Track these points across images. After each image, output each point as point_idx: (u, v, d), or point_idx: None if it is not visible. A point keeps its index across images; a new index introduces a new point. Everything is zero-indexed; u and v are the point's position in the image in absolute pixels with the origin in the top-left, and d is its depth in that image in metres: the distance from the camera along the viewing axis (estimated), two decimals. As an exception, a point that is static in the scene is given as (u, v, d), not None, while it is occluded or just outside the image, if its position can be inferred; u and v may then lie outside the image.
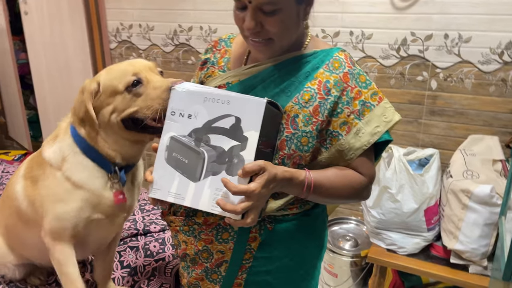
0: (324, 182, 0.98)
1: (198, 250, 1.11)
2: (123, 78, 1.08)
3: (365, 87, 1.02)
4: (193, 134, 0.95)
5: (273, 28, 0.94)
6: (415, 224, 1.88)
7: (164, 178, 0.96)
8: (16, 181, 1.28)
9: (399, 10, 2.13)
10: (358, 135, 1.00)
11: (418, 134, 2.26)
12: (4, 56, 3.41)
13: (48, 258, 1.31)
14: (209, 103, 0.95)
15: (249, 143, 0.91)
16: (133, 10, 2.84)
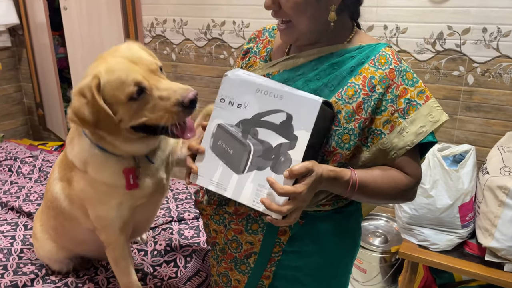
0: (369, 182, 0.96)
1: (227, 239, 1.12)
2: (124, 89, 0.99)
3: (411, 85, 0.98)
4: (241, 125, 0.93)
5: (286, 7, 0.93)
6: (449, 220, 1.85)
7: (207, 166, 0.94)
8: (53, 183, 1.31)
9: (435, 3, 2.10)
10: (402, 135, 0.97)
11: (452, 130, 2.22)
12: (44, 50, 3.54)
13: (98, 249, 1.38)
14: (261, 95, 0.92)
15: (299, 143, 0.89)
16: (168, 5, 2.89)
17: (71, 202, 1.26)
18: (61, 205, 1.29)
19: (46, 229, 1.47)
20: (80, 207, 1.25)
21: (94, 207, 1.20)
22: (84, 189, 1.19)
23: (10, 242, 1.73)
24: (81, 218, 1.28)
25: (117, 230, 1.23)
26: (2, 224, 1.86)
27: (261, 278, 1.12)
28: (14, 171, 2.41)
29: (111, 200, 1.18)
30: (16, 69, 3.95)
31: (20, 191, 2.17)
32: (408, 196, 1.03)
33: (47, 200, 1.37)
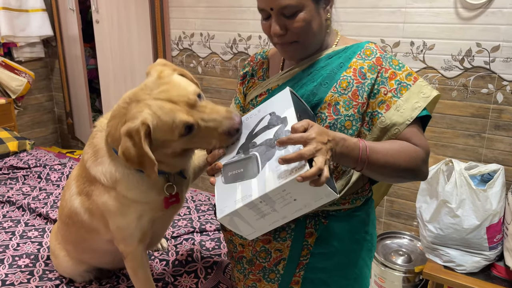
0: (378, 147, 0.97)
1: (256, 251, 1.15)
2: (174, 131, 1.02)
3: (398, 69, 1.07)
4: (239, 151, 0.99)
5: (297, 29, 1.01)
6: (476, 241, 1.80)
7: (227, 195, 0.94)
8: (71, 199, 1.32)
9: (464, 20, 2.07)
10: (399, 111, 1.03)
11: (480, 149, 2.17)
12: (75, 61, 3.67)
13: (117, 260, 1.41)
14: (245, 123, 1.03)
15: (289, 118, 0.93)
16: (196, 19, 2.96)
17: (91, 214, 1.28)
18: (82, 219, 1.31)
19: (64, 246, 1.50)
20: (100, 218, 1.27)
21: (115, 219, 1.23)
22: (106, 202, 1.21)
23: (37, 248, 1.77)
24: (101, 229, 1.30)
25: (136, 241, 1.25)
26: (30, 230, 1.92)
27: (290, 283, 1.15)
28: (43, 177, 2.48)
29: (132, 213, 1.20)
30: (48, 79, 4.09)
31: (48, 197, 2.23)
32: (421, 169, 1.02)
33: (65, 217, 1.38)
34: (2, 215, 2.06)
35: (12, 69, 3.51)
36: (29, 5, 3.59)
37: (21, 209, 2.11)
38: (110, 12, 3.29)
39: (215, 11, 2.85)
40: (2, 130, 3.04)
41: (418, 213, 2.03)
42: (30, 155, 2.82)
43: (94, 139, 1.22)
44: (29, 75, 3.60)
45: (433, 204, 1.91)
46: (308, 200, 0.88)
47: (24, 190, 2.33)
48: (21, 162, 2.68)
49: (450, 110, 2.19)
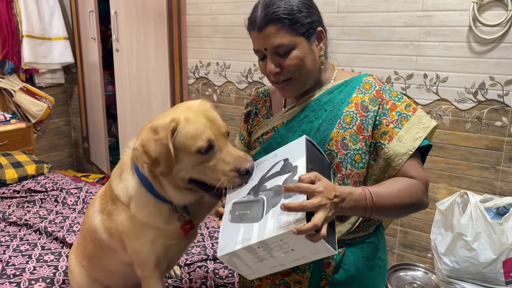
0: (382, 191, 0.99)
1: (275, 284, 1.15)
2: (197, 142, 1.04)
3: (398, 101, 1.11)
4: (251, 191, 1.01)
5: (291, 67, 1.06)
6: (492, 276, 1.78)
7: (229, 234, 0.96)
8: (93, 215, 1.36)
9: (477, 54, 2.11)
10: (401, 142, 1.06)
11: (495, 182, 2.16)
12: (94, 88, 3.77)
13: (129, 284, 1.43)
14: (261, 165, 1.06)
15: (299, 167, 0.95)
16: (212, 49, 3.05)
17: (110, 234, 1.31)
18: (100, 237, 1.34)
19: (80, 261, 1.53)
20: (118, 240, 1.29)
21: (130, 241, 1.25)
22: (123, 222, 1.24)
23: (53, 272, 1.79)
24: (119, 250, 1.32)
25: (151, 265, 1.27)
26: (47, 254, 1.94)
27: None
28: (59, 201, 2.53)
29: (145, 236, 1.23)
30: (67, 104, 4.20)
31: (65, 221, 2.27)
32: (423, 200, 1.05)
33: (85, 232, 1.42)
34: (19, 238, 2.09)
35: (33, 94, 3.62)
36: (52, 34, 3.73)
37: (38, 233, 2.14)
38: (129, 41, 3.41)
39: (231, 41, 2.94)
40: (21, 153, 3.12)
41: (433, 245, 2.01)
42: (48, 178, 2.88)
43: (123, 157, 1.27)
44: (49, 100, 3.70)
45: (448, 237, 1.89)
46: (306, 252, 0.90)
47: (41, 214, 2.37)
48: (38, 186, 2.73)
49: (464, 142, 2.20)
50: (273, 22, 1.04)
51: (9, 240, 2.07)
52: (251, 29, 1.10)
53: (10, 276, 1.75)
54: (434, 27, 2.18)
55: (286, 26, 1.04)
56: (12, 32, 3.49)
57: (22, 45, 3.55)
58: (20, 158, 3.00)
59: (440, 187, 2.31)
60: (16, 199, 2.58)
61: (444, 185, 2.29)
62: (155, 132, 1.06)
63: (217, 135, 1.07)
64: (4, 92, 3.56)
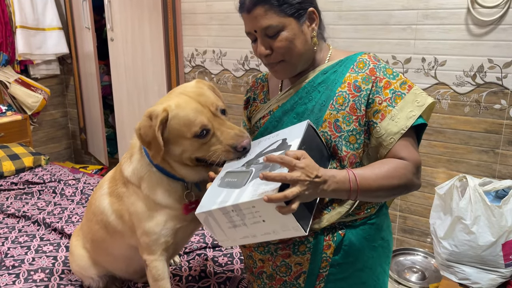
0: (367, 173, 0.98)
1: (276, 265, 1.16)
2: (191, 128, 1.08)
3: (393, 78, 1.07)
4: (246, 164, 1.03)
5: (280, 48, 1.05)
6: (492, 258, 1.78)
7: (212, 196, 1.00)
8: (101, 198, 1.37)
9: (475, 36, 2.09)
10: (394, 121, 1.04)
11: (494, 165, 2.15)
12: (90, 78, 3.74)
13: (131, 270, 1.43)
14: (263, 142, 1.07)
15: (292, 146, 0.96)
16: (208, 37, 3.01)
17: (119, 217, 1.31)
18: (108, 219, 1.34)
19: (83, 244, 1.53)
20: (127, 222, 1.30)
21: (141, 223, 1.25)
22: (135, 204, 1.25)
23: (52, 262, 1.79)
24: (126, 233, 1.33)
25: (160, 249, 1.28)
26: (46, 244, 1.94)
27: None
28: (57, 192, 2.52)
29: (157, 217, 1.24)
30: (63, 95, 4.17)
31: (63, 212, 2.26)
32: (413, 181, 1.03)
33: (91, 214, 1.43)
34: (17, 230, 2.08)
35: (29, 86, 3.59)
36: (45, 24, 3.68)
37: (36, 224, 2.14)
38: (124, 31, 3.37)
39: (227, 29, 2.90)
40: (18, 145, 3.10)
41: (432, 230, 2.01)
42: (45, 170, 2.87)
43: (132, 141, 1.29)
44: (44, 91, 3.67)
45: (447, 221, 1.89)
46: (276, 226, 0.92)
47: (39, 205, 2.37)
48: (36, 177, 2.72)
49: (463, 126, 2.18)
50: (261, 4, 1.03)
51: (8, 232, 2.07)
52: (241, 11, 1.10)
53: (9, 267, 1.75)
54: (432, 9, 2.15)
55: (274, 7, 1.03)
56: (5, 23, 3.45)
57: (15, 36, 3.51)
58: (17, 150, 2.99)
59: (439, 171, 2.30)
60: (14, 191, 2.57)
61: (443, 169, 2.29)
62: (149, 118, 1.11)
63: (211, 118, 1.10)
64: (-1, 84, 3.53)
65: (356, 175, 0.97)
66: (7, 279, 1.67)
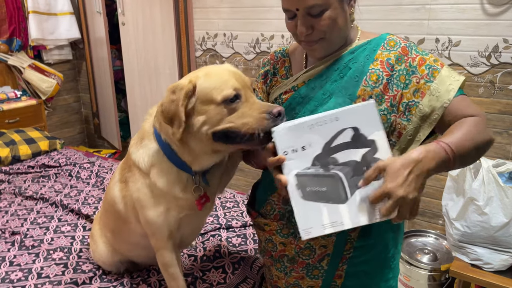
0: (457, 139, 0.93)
1: (300, 248, 1.17)
2: (223, 90, 1.02)
3: (426, 54, 1.07)
4: (316, 162, 0.93)
5: (323, 27, 1.02)
6: (504, 239, 1.78)
7: (311, 215, 0.92)
8: (113, 186, 1.36)
9: (490, 16, 2.05)
10: (435, 96, 1.03)
11: (508, 146, 2.14)
12: (102, 63, 3.76)
13: (148, 255, 1.44)
14: (317, 128, 0.93)
15: (378, 143, 0.91)
16: (219, 20, 3.00)
17: (125, 204, 1.31)
18: (118, 208, 1.34)
19: (104, 233, 1.55)
20: (132, 210, 1.29)
21: (144, 210, 1.24)
22: (139, 189, 1.23)
23: (70, 241, 1.84)
24: (133, 221, 1.33)
25: (165, 236, 1.27)
26: (63, 225, 1.99)
27: (333, 278, 1.17)
28: (73, 175, 2.57)
29: (160, 205, 1.22)
30: (76, 80, 4.21)
31: (79, 194, 2.31)
32: (490, 134, 1.01)
33: (107, 203, 1.44)
34: (36, 212, 2.14)
35: (42, 71, 3.63)
36: (57, 9, 3.70)
37: (54, 206, 2.19)
38: (135, 15, 3.37)
39: (238, 11, 2.89)
40: (34, 130, 3.16)
41: (444, 211, 2.01)
42: (61, 154, 2.92)
43: (144, 124, 1.25)
44: (58, 76, 3.71)
45: (460, 202, 1.89)
46: None
47: (56, 188, 2.42)
48: (52, 161, 2.77)
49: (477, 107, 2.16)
50: None
51: (26, 213, 2.12)
52: None
53: (28, 247, 1.80)
54: (446, -11, 2.11)
55: None
56: (18, 8, 3.47)
57: (28, 22, 3.54)
58: (32, 135, 3.04)
59: (451, 153, 2.29)
60: (31, 174, 2.63)
61: (455, 152, 2.27)
62: (173, 92, 1.06)
63: (243, 86, 1.06)
64: (14, 70, 3.57)
65: (448, 144, 0.91)
66: (27, 258, 1.72)
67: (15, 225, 2.00)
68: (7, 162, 2.77)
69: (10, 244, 1.83)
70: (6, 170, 2.67)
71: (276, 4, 2.66)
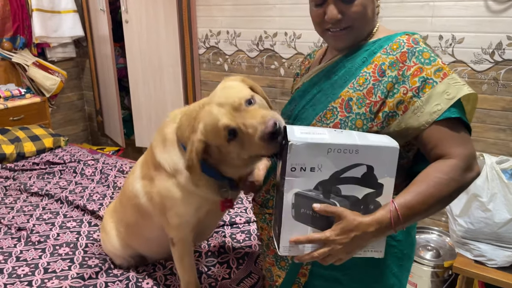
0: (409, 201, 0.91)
1: (270, 236, 1.19)
2: (220, 135, 1.04)
3: (428, 64, 0.97)
4: (319, 187, 0.91)
5: (354, 14, 1.00)
6: (508, 235, 1.79)
7: (295, 235, 0.92)
8: (134, 182, 1.39)
9: (494, 13, 2.05)
10: (416, 114, 0.96)
11: (511, 143, 2.14)
12: (105, 61, 3.77)
13: (162, 251, 1.48)
14: (334, 154, 0.89)
15: (385, 189, 0.90)
16: (222, 17, 3.01)
17: (149, 199, 1.34)
18: (139, 202, 1.37)
19: (117, 227, 1.57)
20: (156, 204, 1.32)
21: (175, 206, 1.28)
22: (169, 188, 1.26)
23: (76, 237, 1.86)
24: (155, 215, 1.36)
25: (189, 228, 1.31)
26: (69, 221, 2.01)
27: (297, 275, 1.15)
28: (78, 172, 2.58)
29: (193, 203, 1.26)
30: (79, 78, 4.23)
31: (84, 191, 2.32)
32: (465, 179, 0.94)
33: (125, 199, 1.45)
34: (41, 208, 2.15)
35: (46, 68, 3.64)
36: (61, 7, 3.71)
37: (59, 202, 2.21)
38: (139, 13, 3.38)
39: (241, 8, 2.90)
40: (38, 127, 3.17)
41: (448, 208, 2.02)
42: (65, 151, 2.93)
43: (165, 128, 1.28)
44: (62, 74, 3.73)
45: (463, 199, 1.90)
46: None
47: (61, 184, 2.44)
48: (56, 158, 2.79)
49: (480, 104, 2.17)
50: None
51: (32, 209, 2.14)
52: None
53: (35, 243, 1.82)
54: (450, -14, 2.12)
55: None
56: (21, 6, 3.48)
57: (32, 19, 3.55)
58: (37, 132, 3.06)
59: (455, 150, 2.29)
60: (36, 171, 2.64)
61: (459, 148, 2.28)
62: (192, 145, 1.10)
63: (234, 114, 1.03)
64: (18, 67, 3.58)
65: (397, 209, 0.90)
66: (33, 253, 1.74)
67: (21, 221, 2.01)
68: (12, 159, 2.79)
69: (16, 239, 1.85)
70: (11, 167, 2.69)
71: (278, 2, 2.67)
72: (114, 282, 1.54)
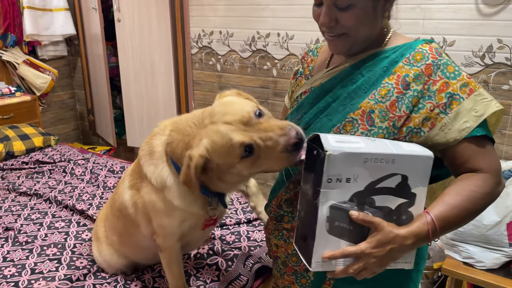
0: (445, 212, 0.89)
1: (288, 253, 1.14)
2: (235, 152, 0.98)
3: (453, 78, 0.94)
4: (354, 199, 0.88)
5: (347, 22, 0.94)
6: (496, 238, 1.80)
7: (328, 250, 0.89)
8: (123, 192, 1.37)
9: (485, 16, 2.06)
10: (444, 131, 0.93)
11: (501, 146, 2.15)
12: (97, 60, 3.74)
13: (155, 257, 1.46)
14: (371, 163, 0.86)
15: (418, 199, 0.89)
16: (215, 17, 3.00)
17: (136, 208, 1.33)
18: (128, 212, 1.36)
19: (110, 236, 1.55)
20: (143, 214, 1.31)
21: (159, 218, 1.27)
22: (153, 201, 1.24)
23: (64, 237, 1.84)
24: (142, 224, 1.34)
25: (175, 239, 1.30)
26: (57, 221, 1.99)
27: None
28: (67, 172, 2.56)
29: (176, 216, 1.24)
30: (71, 76, 4.20)
31: (74, 191, 2.30)
32: (496, 192, 0.94)
33: (116, 209, 1.43)
34: (30, 208, 2.13)
35: (37, 67, 3.61)
36: (52, 5, 3.68)
37: (48, 202, 2.19)
38: (131, 11, 3.36)
39: (234, 9, 2.89)
40: (28, 126, 3.14)
41: (437, 210, 2.03)
42: (55, 150, 2.91)
43: (153, 139, 1.23)
44: (53, 72, 3.69)
45: (453, 201, 1.91)
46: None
47: (50, 184, 2.41)
48: (46, 157, 2.76)
49: (470, 107, 2.18)
50: None
51: (20, 209, 2.11)
52: None
53: (22, 243, 1.80)
54: (441, -12, 2.13)
55: None
56: (12, 3, 3.45)
57: (23, 17, 3.51)
58: (27, 131, 3.03)
59: (445, 152, 2.31)
60: (25, 170, 2.62)
61: (449, 151, 2.29)
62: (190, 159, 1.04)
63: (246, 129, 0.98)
64: (8, 65, 3.55)
65: (434, 220, 0.87)
66: (20, 254, 1.72)
67: (9, 221, 1.99)
68: (0, 158, 2.76)
69: (3, 240, 1.83)
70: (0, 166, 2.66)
71: (271, 3, 2.66)
72: (102, 284, 1.53)
